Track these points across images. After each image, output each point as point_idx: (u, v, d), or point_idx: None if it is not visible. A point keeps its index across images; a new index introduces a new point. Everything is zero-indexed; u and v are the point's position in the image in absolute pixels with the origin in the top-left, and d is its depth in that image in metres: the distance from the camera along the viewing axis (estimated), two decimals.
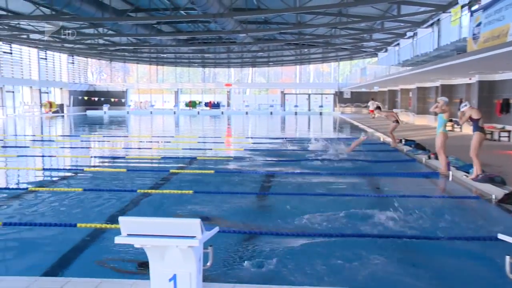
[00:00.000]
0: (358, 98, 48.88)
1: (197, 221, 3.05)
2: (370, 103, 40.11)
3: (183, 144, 16.32)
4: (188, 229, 3.03)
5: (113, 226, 5.96)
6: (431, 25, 25.09)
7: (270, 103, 52.42)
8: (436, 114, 11.16)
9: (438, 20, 23.92)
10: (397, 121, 15.27)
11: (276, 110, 50.51)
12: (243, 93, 54.84)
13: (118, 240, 3.06)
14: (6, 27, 27.98)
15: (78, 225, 5.98)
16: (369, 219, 6.33)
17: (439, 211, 6.75)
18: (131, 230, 3.06)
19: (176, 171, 10.53)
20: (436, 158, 10.83)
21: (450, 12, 20.09)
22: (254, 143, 17.16)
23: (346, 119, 35.03)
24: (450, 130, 17.23)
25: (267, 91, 55.06)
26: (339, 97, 50.39)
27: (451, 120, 18.15)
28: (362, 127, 25.90)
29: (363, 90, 45.94)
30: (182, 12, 22.87)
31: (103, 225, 6.09)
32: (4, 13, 22.34)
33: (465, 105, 9.34)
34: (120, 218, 3.09)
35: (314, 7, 20.39)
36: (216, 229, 3.38)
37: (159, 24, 27.60)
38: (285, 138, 19.11)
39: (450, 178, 9.45)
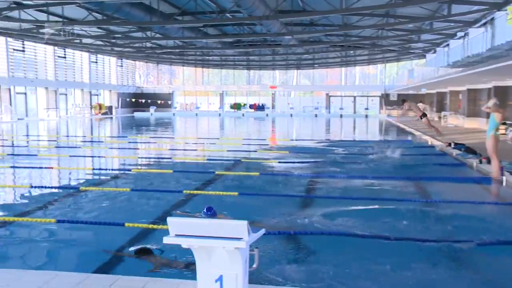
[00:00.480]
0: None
1: (244, 223, 3.07)
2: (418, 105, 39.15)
3: (228, 146, 16.46)
4: (235, 230, 3.06)
5: (159, 226, 6.09)
6: (484, 24, 24.22)
7: (315, 106, 52.10)
8: (488, 116, 10.72)
9: (492, 18, 23.05)
10: (424, 115, 15.05)
11: (321, 112, 50.14)
12: (288, 95, 54.77)
13: (166, 240, 3.13)
14: (62, 33, 29.13)
15: (126, 224, 6.13)
16: (416, 225, 6.18)
17: (492, 218, 6.51)
18: (179, 230, 3.11)
19: (221, 172, 10.63)
20: (488, 162, 10.41)
21: (506, 10, 19.30)
22: (299, 145, 17.10)
23: (392, 122, 34.34)
24: (503, 134, 16.57)
25: (312, 93, 54.77)
26: (385, 99, 49.47)
27: (504, 123, 17.43)
28: (408, 130, 25.31)
29: (410, 92, 44.88)
30: (228, 15, 23.10)
31: (150, 225, 6.21)
32: (60, 19, 23.29)
33: None
34: (169, 219, 3.15)
35: (361, 8, 20.10)
36: (263, 231, 3.38)
37: (205, 27, 28.00)
38: (330, 140, 18.94)
39: (504, 184, 9.07)
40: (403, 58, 46.42)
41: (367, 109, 50.41)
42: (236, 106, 53.11)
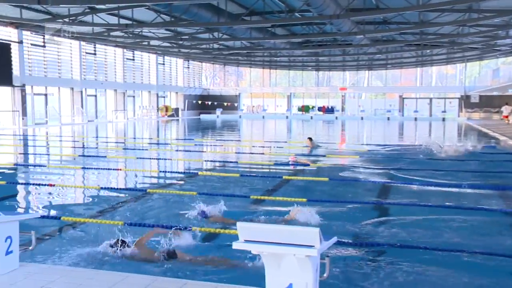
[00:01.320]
0: (488, 103, 45.51)
1: (316, 230, 3.04)
2: (503, 108, 37.22)
3: (296, 150, 16.43)
4: (306, 238, 3.04)
5: (226, 231, 6.18)
6: None
7: (387, 108, 50.84)
8: None
9: None
10: None
11: (394, 115, 48.84)
12: (359, 97, 53.85)
13: (236, 245, 3.16)
14: (131, 35, 30.47)
15: (193, 228, 6.27)
16: (504, 237, 5.85)
17: None
18: (249, 236, 3.14)
19: (289, 177, 10.62)
20: None
21: None
22: (370, 150, 16.76)
23: (473, 126, 32.79)
24: None
25: (384, 95, 53.50)
26: (465, 101, 47.35)
27: None
28: (492, 134, 24.06)
29: (495, 93, 42.65)
30: (297, 14, 23.10)
31: (217, 230, 6.32)
32: (130, 22, 24.38)
33: None
34: (239, 224, 3.19)
35: (440, 4, 19.37)
36: (334, 239, 3.34)
37: (273, 27, 28.16)
38: (402, 144, 18.39)
39: None
40: (487, 57, 44.16)
41: (444, 111, 48.49)
42: (304, 109, 52.93)
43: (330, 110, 51.92)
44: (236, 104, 54.08)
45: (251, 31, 27.45)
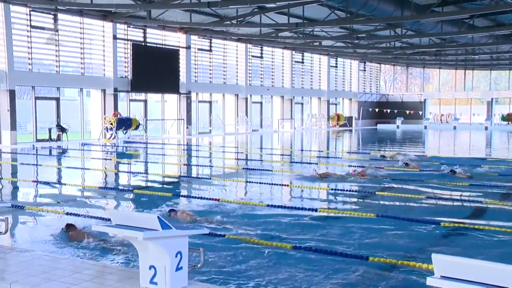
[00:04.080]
0: None
1: None
2: None
3: (499, 169, 15.27)
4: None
5: (410, 263, 5.98)
6: None
7: None
8: None
9: None
10: None
11: None
12: None
13: (430, 281, 3.04)
14: (301, 35, 31.50)
15: (370, 259, 6.18)
16: None
17: None
18: (448, 271, 2.98)
19: (492, 202, 9.89)
20: None
21: None
22: None
23: None
24: None
25: None
26: None
27: None
28: None
29: None
30: None
31: (399, 261, 6.14)
32: (300, 20, 25.23)
33: None
34: (435, 256, 3.04)
35: None
36: None
37: (472, 18, 26.70)
38: None
39: None
40: None
41: None
42: (511, 118, 48.99)
43: None
44: (420, 113, 52.22)
45: (442, 24, 26.37)
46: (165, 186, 13.19)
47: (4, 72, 23.30)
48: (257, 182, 12.92)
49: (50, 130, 26.33)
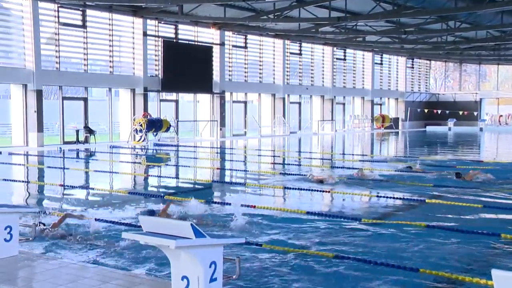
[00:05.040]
0: None
1: None
2: None
3: None
4: None
5: (467, 278, 5.88)
6: None
7: None
8: None
9: None
10: None
11: None
12: None
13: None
14: (343, 30, 31.30)
15: (421, 270, 6.11)
16: None
17: None
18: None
19: None
20: None
21: None
22: None
23: None
24: None
25: None
26: None
27: None
28: None
29: None
30: None
31: (453, 275, 6.05)
32: (342, 14, 25.03)
33: None
34: (495, 272, 2.95)
35: None
36: None
37: None
38: None
39: None
40: None
41: None
42: None
43: None
44: (475, 113, 51.23)
45: (503, 15, 25.78)
46: (196, 191, 13.28)
47: (31, 71, 23.87)
48: (294, 188, 12.89)
49: (77, 132, 26.84)
